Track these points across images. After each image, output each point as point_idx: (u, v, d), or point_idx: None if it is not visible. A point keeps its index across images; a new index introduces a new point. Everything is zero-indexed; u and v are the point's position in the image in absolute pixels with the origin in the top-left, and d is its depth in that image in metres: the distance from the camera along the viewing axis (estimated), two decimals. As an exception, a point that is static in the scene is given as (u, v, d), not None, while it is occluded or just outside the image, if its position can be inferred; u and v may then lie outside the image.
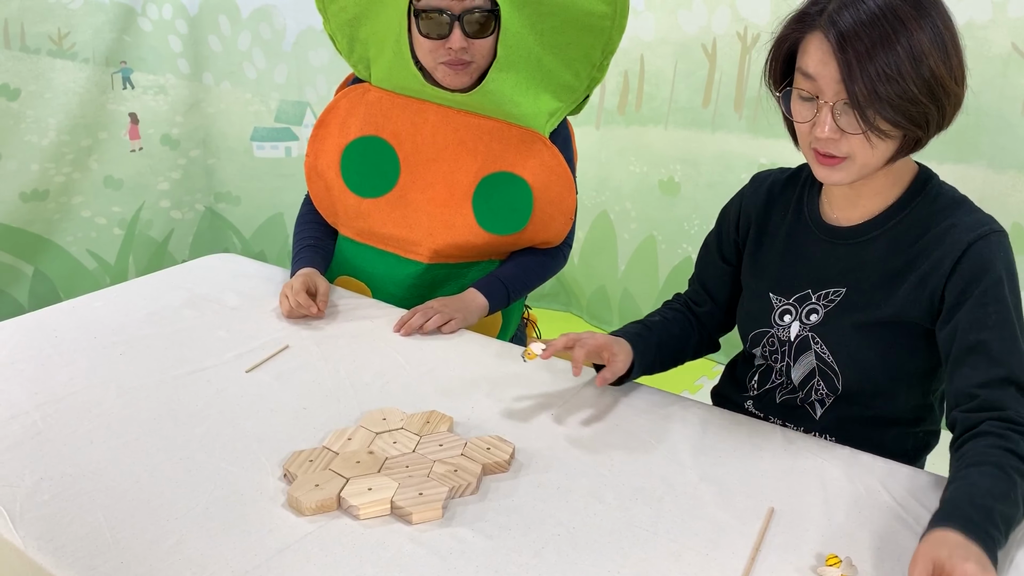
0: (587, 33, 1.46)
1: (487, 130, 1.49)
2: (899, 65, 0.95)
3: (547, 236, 1.55)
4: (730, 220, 1.30)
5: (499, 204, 1.50)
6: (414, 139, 1.51)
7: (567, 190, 1.52)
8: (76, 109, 2.82)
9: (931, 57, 0.96)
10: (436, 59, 1.43)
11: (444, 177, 1.51)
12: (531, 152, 1.49)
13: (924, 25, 0.96)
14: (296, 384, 1.26)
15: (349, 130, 1.54)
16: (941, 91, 0.97)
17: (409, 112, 1.51)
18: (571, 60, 1.48)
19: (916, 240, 1.09)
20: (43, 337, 1.39)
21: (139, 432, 1.12)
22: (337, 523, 0.95)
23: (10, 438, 1.10)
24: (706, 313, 1.35)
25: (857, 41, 0.95)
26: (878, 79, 0.95)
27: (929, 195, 1.10)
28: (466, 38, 1.39)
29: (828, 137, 1.01)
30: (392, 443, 1.09)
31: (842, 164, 1.03)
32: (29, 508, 0.96)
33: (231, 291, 1.59)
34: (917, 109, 0.97)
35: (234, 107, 3.08)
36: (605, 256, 3.05)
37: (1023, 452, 0.94)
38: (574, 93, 1.52)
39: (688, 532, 0.95)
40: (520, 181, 1.49)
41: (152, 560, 0.89)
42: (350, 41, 1.54)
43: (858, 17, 0.96)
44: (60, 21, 2.72)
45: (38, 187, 2.83)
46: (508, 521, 0.96)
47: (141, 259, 3.11)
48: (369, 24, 1.50)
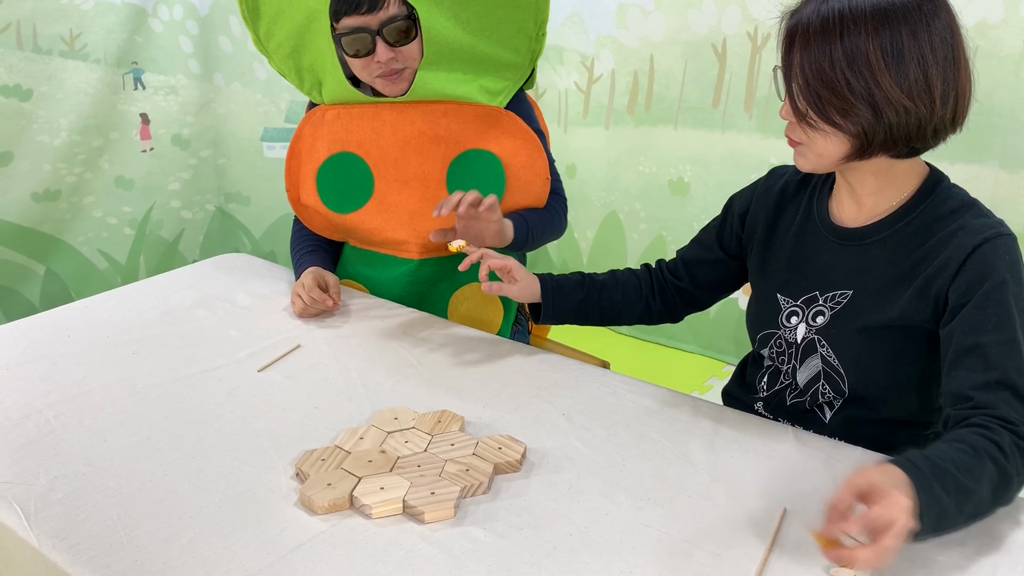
0: (513, 9, 1.47)
1: (442, 113, 1.51)
2: (832, 57, 0.99)
3: (529, 201, 1.56)
4: (735, 213, 1.31)
5: (473, 182, 1.50)
6: (378, 144, 1.54)
7: (536, 151, 1.53)
8: (87, 109, 2.83)
9: (875, 63, 0.98)
10: (371, 74, 1.46)
11: (415, 172, 1.53)
12: (490, 124, 1.51)
13: (880, 35, 0.97)
14: (308, 383, 1.27)
15: (318, 153, 1.57)
16: (884, 99, 0.98)
17: (367, 119, 1.54)
18: (506, 39, 1.50)
19: (923, 243, 1.09)
20: (56, 336, 1.39)
21: (152, 431, 1.13)
22: (349, 522, 0.96)
23: (24, 437, 1.11)
24: (680, 288, 1.38)
25: (803, 31, 1.01)
26: (808, 66, 1.00)
27: (938, 198, 1.10)
28: (391, 48, 1.42)
29: (786, 119, 1.07)
30: (404, 442, 1.09)
31: (799, 149, 1.09)
32: (44, 506, 0.97)
33: (243, 291, 1.60)
34: (843, 107, 1.00)
35: (244, 107, 3.09)
36: (614, 256, 3.05)
37: (1005, 445, 0.93)
38: (518, 70, 1.54)
39: (700, 532, 0.95)
40: (488, 155, 1.51)
41: (166, 558, 0.89)
42: (297, 72, 1.57)
43: (816, 11, 1.01)
44: (72, 22, 2.73)
45: (50, 187, 2.84)
46: (520, 520, 0.97)
47: (152, 259, 3.12)
48: (309, 53, 1.53)
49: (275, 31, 1.54)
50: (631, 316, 1.41)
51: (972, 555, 0.92)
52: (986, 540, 0.94)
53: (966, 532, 0.94)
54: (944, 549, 0.92)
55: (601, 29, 2.81)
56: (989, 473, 0.91)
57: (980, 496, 0.90)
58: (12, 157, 2.75)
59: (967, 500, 0.89)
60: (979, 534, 0.94)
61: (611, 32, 2.79)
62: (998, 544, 0.94)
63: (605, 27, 2.79)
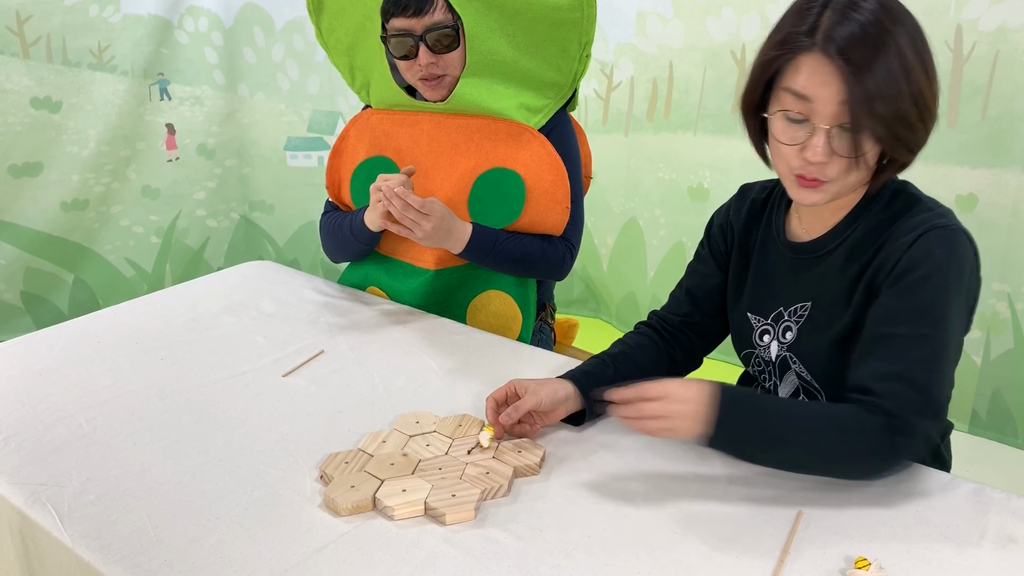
0: (558, 28, 1.48)
1: (476, 128, 1.54)
2: (894, 77, 0.94)
3: (546, 226, 1.55)
4: (716, 228, 1.28)
5: (493, 199, 1.53)
6: (413, 152, 1.58)
7: (560, 179, 1.52)
8: (115, 120, 2.89)
9: (916, 69, 0.96)
10: (413, 76, 1.50)
11: (442, 183, 1.55)
12: (520, 144, 1.52)
13: (902, 33, 0.95)
14: (331, 388, 1.29)
15: (357, 155, 1.64)
16: (925, 108, 0.97)
17: (406, 127, 1.59)
18: (549, 58, 1.51)
19: (869, 247, 1.07)
20: (87, 343, 1.43)
21: (180, 435, 1.15)
22: (372, 523, 0.98)
23: (57, 440, 1.14)
24: (691, 324, 1.30)
25: (854, 53, 0.94)
26: (877, 95, 0.94)
27: (881, 200, 1.08)
28: (432, 54, 1.45)
29: (820, 161, 0.99)
30: (425, 446, 1.11)
31: (824, 186, 1.03)
32: (76, 507, 1.00)
33: (268, 298, 1.63)
34: (906, 129, 0.97)
35: (268, 117, 3.13)
36: (634, 262, 3.06)
37: (869, 424, 0.96)
38: (560, 89, 1.55)
39: (717, 535, 0.96)
40: (512, 174, 1.52)
41: (194, 558, 0.92)
42: (351, 69, 1.65)
43: (853, 30, 0.94)
44: (100, 35, 2.79)
45: (78, 197, 2.90)
46: (539, 523, 0.98)
47: (177, 267, 3.17)
48: (362, 51, 1.59)
49: (335, 27, 1.60)
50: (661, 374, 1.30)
51: (986, 556, 0.92)
52: (1000, 541, 0.94)
53: (980, 531, 0.95)
54: (958, 550, 0.93)
55: (620, 37, 2.82)
56: (823, 435, 0.96)
57: (796, 450, 0.97)
58: (42, 168, 2.81)
59: (777, 444, 0.99)
60: (993, 534, 0.95)
61: (630, 40, 2.80)
62: (1013, 545, 0.94)
63: (624, 35, 2.81)
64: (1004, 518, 0.98)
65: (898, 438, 0.97)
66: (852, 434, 0.97)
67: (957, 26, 2.16)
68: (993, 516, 0.99)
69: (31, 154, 2.78)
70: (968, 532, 0.96)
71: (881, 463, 1.00)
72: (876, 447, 0.97)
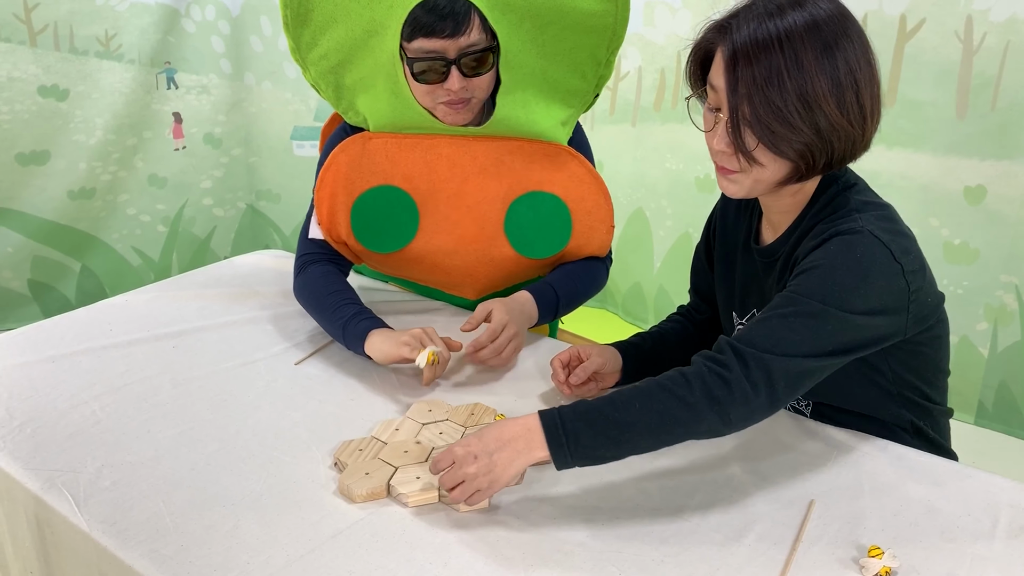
0: (590, 34, 1.38)
1: (508, 151, 1.41)
2: (787, 103, 0.94)
3: (591, 249, 1.49)
4: (707, 230, 1.32)
5: (535, 226, 1.43)
6: (429, 179, 1.41)
7: (603, 198, 1.46)
8: (122, 109, 2.89)
9: (826, 103, 0.94)
10: (435, 100, 1.35)
11: (470, 211, 1.42)
12: (557, 165, 1.42)
13: (824, 68, 0.94)
14: (343, 376, 1.30)
15: (354, 185, 1.43)
16: (828, 127, 0.96)
17: (420, 151, 1.41)
18: (577, 64, 1.41)
19: (804, 248, 1.07)
20: (98, 330, 1.43)
21: (194, 422, 1.16)
22: (387, 510, 0.98)
23: (72, 427, 1.14)
24: (708, 320, 1.35)
25: (747, 67, 0.95)
26: (764, 109, 0.95)
27: (819, 203, 1.08)
28: (464, 78, 1.30)
29: (722, 150, 1.02)
30: (439, 434, 1.12)
31: (735, 176, 1.04)
32: (92, 493, 1.00)
33: (277, 286, 1.63)
34: (796, 139, 0.96)
35: (275, 106, 3.13)
36: (641, 253, 3.06)
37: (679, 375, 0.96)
38: (584, 96, 1.45)
39: (731, 523, 0.97)
40: (552, 198, 1.42)
41: (211, 543, 0.92)
42: (336, 89, 1.43)
43: (754, 37, 0.95)
44: (107, 23, 2.79)
45: (85, 185, 2.90)
46: (553, 510, 0.99)
47: (184, 256, 3.18)
48: (355, 70, 1.40)
49: (321, 41, 1.38)
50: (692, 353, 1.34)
51: (998, 546, 0.93)
52: (1012, 530, 0.95)
53: (992, 520, 0.96)
54: (970, 539, 0.93)
55: (628, 27, 2.81)
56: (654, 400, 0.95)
57: (642, 426, 0.94)
58: (49, 156, 2.82)
59: (621, 431, 0.94)
60: (1005, 524, 0.96)
61: (638, 30, 2.80)
62: (1027, 537, 0.95)
63: (632, 25, 2.80)
64: (1015, 508, 0.99)
65: (721, 372, 0.95)
66: (680, 387, 0.95)
67: (967, 17, 2.15)
68: (1004, 506, 0.99)
69: (38, 142, 2.79)
70: (980, 522, 0.97)
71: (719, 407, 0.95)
72: (705, 389, 0.94)
